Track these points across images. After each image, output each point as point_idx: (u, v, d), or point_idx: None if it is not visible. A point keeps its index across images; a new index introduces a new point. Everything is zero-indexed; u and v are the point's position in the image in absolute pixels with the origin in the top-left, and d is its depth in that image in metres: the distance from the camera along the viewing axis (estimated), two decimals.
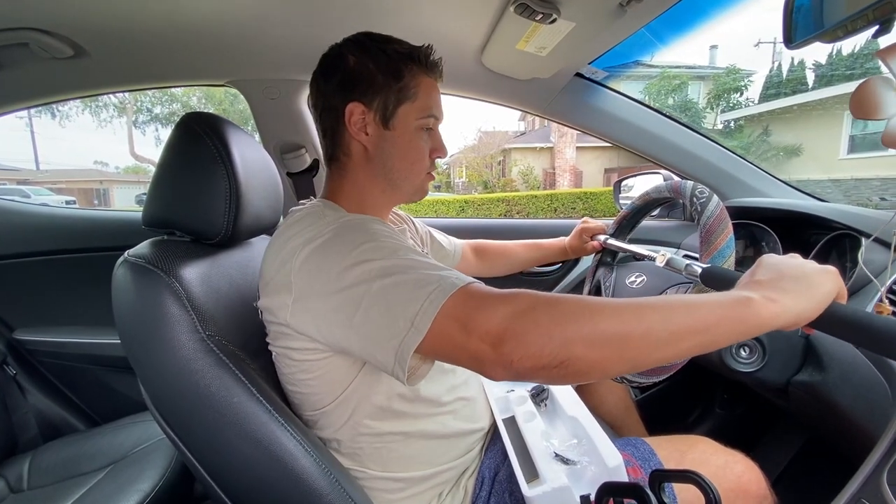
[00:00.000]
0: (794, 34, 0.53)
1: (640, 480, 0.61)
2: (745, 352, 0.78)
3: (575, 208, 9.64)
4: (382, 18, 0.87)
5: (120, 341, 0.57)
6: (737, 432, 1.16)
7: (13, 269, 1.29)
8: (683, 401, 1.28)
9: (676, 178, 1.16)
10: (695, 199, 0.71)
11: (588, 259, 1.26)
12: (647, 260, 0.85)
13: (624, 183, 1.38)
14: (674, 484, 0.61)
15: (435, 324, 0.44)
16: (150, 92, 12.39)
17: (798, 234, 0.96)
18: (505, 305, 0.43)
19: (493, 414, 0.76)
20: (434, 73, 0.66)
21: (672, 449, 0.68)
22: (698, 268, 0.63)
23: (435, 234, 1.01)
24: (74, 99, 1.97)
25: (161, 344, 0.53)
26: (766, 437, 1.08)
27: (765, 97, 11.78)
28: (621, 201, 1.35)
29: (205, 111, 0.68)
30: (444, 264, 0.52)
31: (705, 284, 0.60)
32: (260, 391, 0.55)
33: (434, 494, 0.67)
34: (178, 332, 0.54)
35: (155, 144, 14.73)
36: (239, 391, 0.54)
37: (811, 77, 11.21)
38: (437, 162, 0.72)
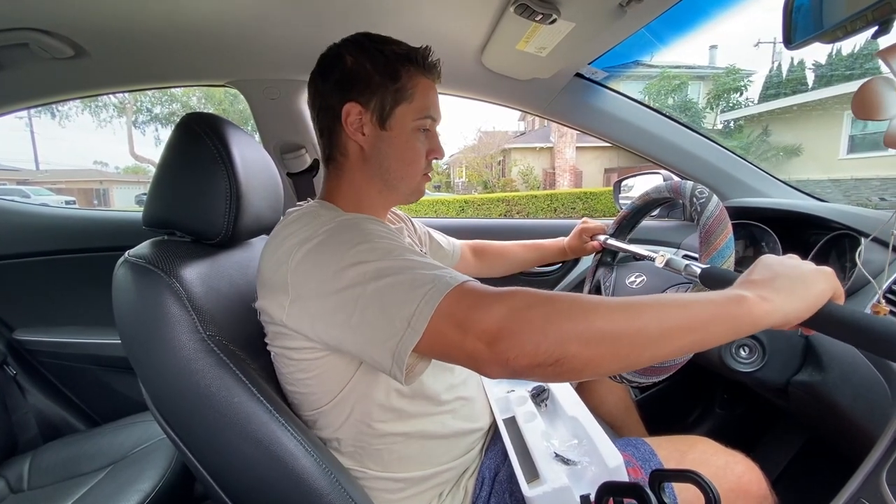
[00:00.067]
0: (793, 34, 0.53)
1: (641, 481, 0.61)
2: (744, 352, 0.78)
3: (575, 208, 9.64)
4: (383, 18, 0.87)
5: (120, 341, 0.57)
6: (737, 432, 1.16)
7: (13, 270, 1.29)
8: (683, 401, 1.28)
9: (676, 178, 1.16)
10: (694, 200, 0.71)
11: (588, 259, 1.26)
12: (646, 260, 0.85)
13: (624, 183, 1.38)
14: (674, 484, 0.61)
15: (431, 324, 0.44)
16: (149, 92, 12.38)
17: (798, 234, 0.96)
18: (500, 304, 0.43)
19: (492, 414, 0.76)
20: (432, 74, 0.66)
21: (672, 449, 0.68)
22: (697, 268, 0.63)
23: (434, 234, 1.01)
24: (74, 99, 1.97)
25: (161, 344, 0.54)
26: (765, 437, 1.08)
27: (764, 97, 11.79)
28: (621, 201, 1.35)
29: (205, 111, 0.68)
30: (442, 264, 0.52)
31: (704, 285, 0.60)
32: (260, 391, 0.55)
33: (434, 494, 0.67)
34: (179, 333, 0.54)
35: (155, 144, 14.75)
36: (239, 391, 0.54)
37: (811, 77, 11.24)
38: (437, 162, 0.72)
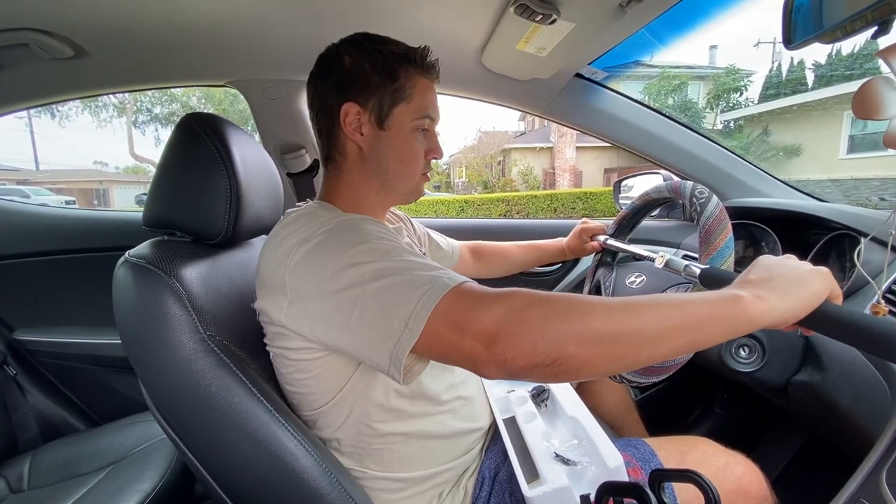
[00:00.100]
0: (793, 35, 0.53)
1: (641, 481, 0.61)
2: (744, 352, 0.78)
3: (575, 208, 9.64)
4: (383, 19, 0.87)
5: (120, 341, 0.57)
6: (736, 432, 1.16)
7: (13, 270, 1.29)
8: (683, 401, 1.28)
9: (676, 178, 1.16)
10: (694, 200, 0.71)
11: (588, 259, 1.26)
12: (646, 260, 0.85)
13: (624, 183, 1.38)
14: (674, 484, 0.61)
15: (428, 324, 0.44)
16: (149, 92, 12.38)
17: (797, 234, 0.96)
18: (497, 304, 0.43)
19: (492, 413, 0.77)
20: (430, 74, 0.66)
21: (672, 450, 0.68)
22: (697, 269, 0.63)
23: (433, 234, 1.01)
24: (74, 99, 1.96)
25: (162, 344, 0.54)
26: (765, 437, 1.08)
27: (764, 97, 11.79)
28: (621, 201, 1.35)
29: (205, 111, 0.68)
30: (442, 265, 0.52)
31: (704, 285, 0.60)
32: (260, 391, 0.56)
33: (434, 494, 0.67)
34: (179, 333, 0.54)
35: (155, 144, 14.74)
36: (240, 391, 0.54)
37: (811, 77, 11.24)
38: (437, 162, 0.72)
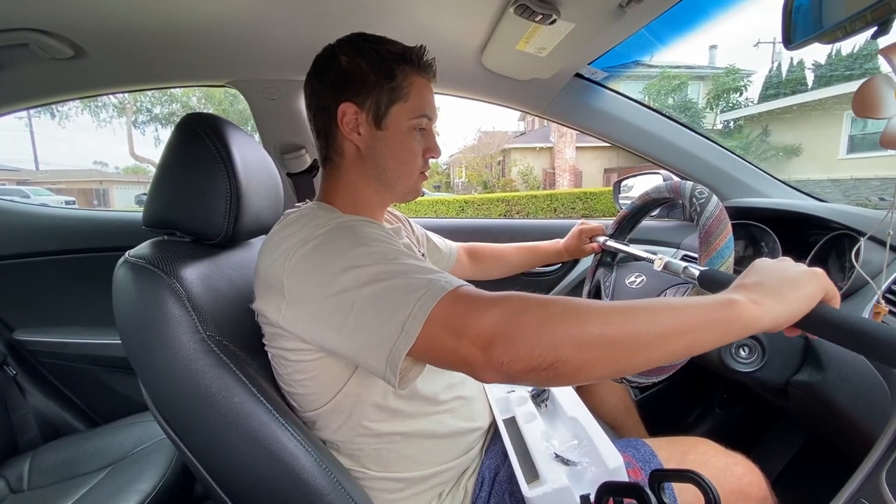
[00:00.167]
0: (793, 35, 0.53)
1: (641, 482, 0.61)
2: (744, 352, 0.78)
3: (575, 208, 9.63)
4: (383, 19, 0.87)
5: (120, 342, 0.57)
6: (736, 432, 1.16)
7: (13, 270, 1.29)
8: (683, 401, 1.28)
9: (676, 178, 1.16)
10: (694, 200, 0.71)
11: (587, 259, 1.26)
12: (646, 261, 0.85)
13: (623, 183, 1.38)
14: (674, 484, 0.61)
15: (425, 328, 0.44)
16: (149, 92, 12.38)
17: (797, 234, 0.96)
18: (494, 308, 0.43)
19: (492, 413, 0.77)
20: (427, 73, 0.66)
21: (673, 450, 0.68)
22: (695, 270, 0.63)
23: (431, 235, 1.02)
24: (74, 99, 1.96)
25: (162, 344, 0.54)
26: (765, 437, 1.08)
27: (764, 97, 11.79)
28: (621, 201, 1.35)
29: (205, 112, 0.68)
30: (439, 267, 0.52)
31: (703, 287, 0.60)
32: (260, 391, 0.56)
33: (434, 494, 0.67)
34: (179, 333, 0.54)
35: (154, 144, 14.73)
36: (239, 391, 0.54)
37: (810, 77, 11.24)
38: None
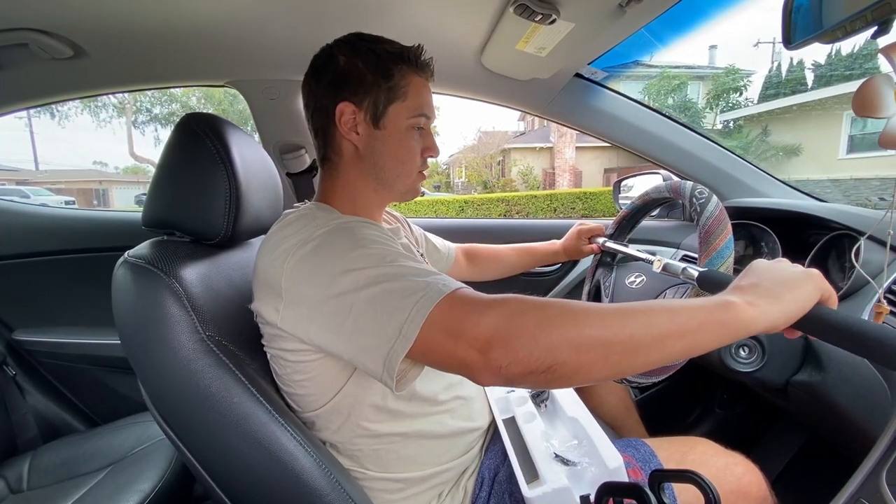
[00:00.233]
0: (793, 35, 0.53)
1: (641, 482, 0.61)
2: (744, 352, 0.78)
3: (574, 208, 9.64)
4: (382, 19, 0.87)
5: (120, 342, 0.57)
6: (736, 432, 1.16)
7: (13, 270, 1.29)
8: (683, 401, 1.28)
9: (676, 178, 1.16)
10: (694, 200, 0.71)
11: (587, 259, 1.26)
12: (645, 262, 0.85)
13: (623, 183, 1.38)
14: (674, 484, 0.61)
15: (422, 332, 0.44)
16: (149, 92, 12.38)
17: (797, 234, 0.96)
18: (492, 311, 0.43)
19: (491, 413, 0.76)
20: (425, 72, 0.66)
21: (672, 450, 0.68)
22: (695, 271, 0.63)
23: (429, 236, 1.01)
24: (74, 99, 1.96)
25: (161, 344, 0.53)
26: (765, 437, 1.08)
27: (764, 97, 11.79)
28: (621, 201, 1.35)
29: (204, 112, 0.68)
30: (437, 267, 0.52)
31: (701, 288, 0.60)
32: (260, 391, 0.55)
33: (434, 495, 0.67)
34: (179, 333, 0.54)
35: (154, 144, 14.74)
36: (239, 391, 0.54)
37: (810, 77, 11.24)
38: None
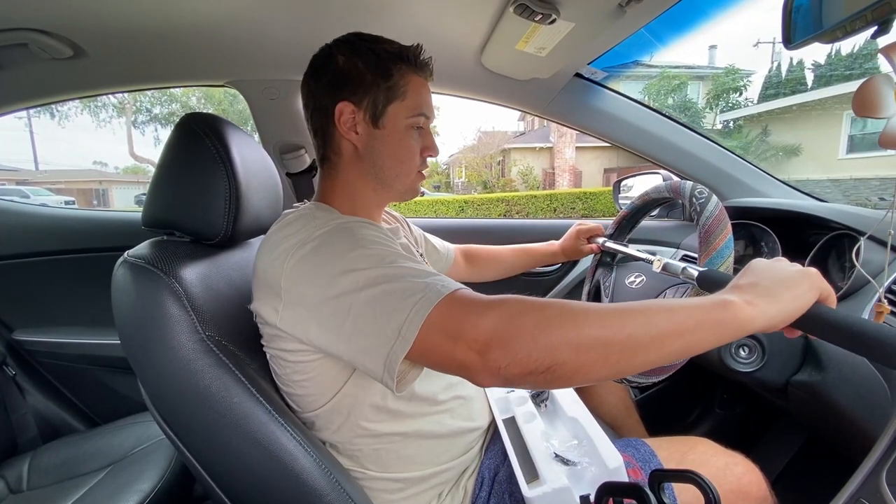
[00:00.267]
0: (793, 35, 0.53)
1: (641, 482, 0.61)
2: (744, 352, 0.78)
3: (574, 208, 9.64)
4: (382, 19, 0.87)
5: (119, 342, 0.57)
6: (736, 432, 1.16)
7: (12, 270, 1.29)
8: (683, 401, 1.28)
9: (676, 178, 1.16)
10: (694, 200, 0.71)
11: (587, 259, 1.27)
12: (645, 262, 0.85)
13: (623, 183, 1.38)
14: (674, 484, 0.61)
15: (422, 332, 0.44)
16: (149, 92, 12.38)
17: (797, 234, 0.96)
18: (491, 312, 0.43)
19: (491, 413, 0.76)
20: (424, 72, 0.66)
21: (672, 450, 0.68)
22: (694, 271, 0.63)
23: (429, 236, 1.01)
24: (74, 99, 1.97)
25: (161, 344, 0.53)
26: (765, 437, 1.08)
27: (764, 97, 11.79)
28: (621, 201, 1.35)
29: (204, 111, 0.68)
30: (436, 268, 0.52)
31: (701, 287, 0.60)
32: (259, 391, 0.55)
33: (434, 494, 0.67)
34: (178, 333, 0.54)
35: (154, 144, 14.75)
36: (239, 391, 0.54)
37: (810, 77, 11.24)
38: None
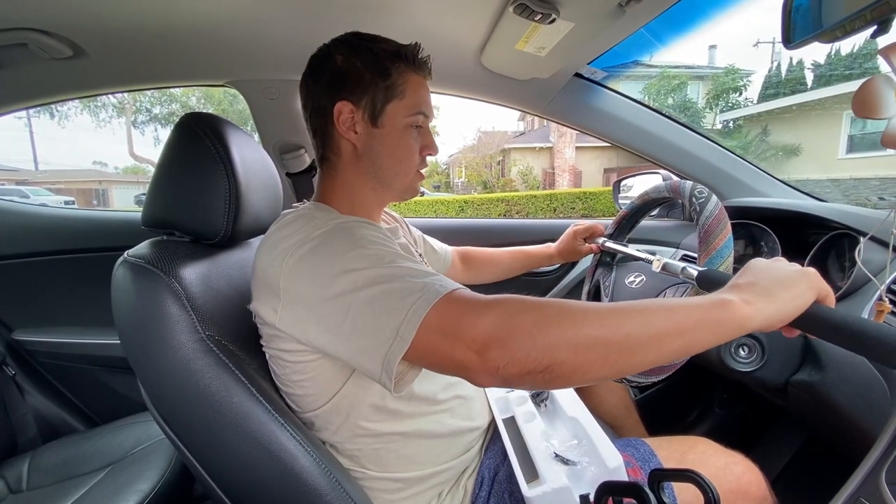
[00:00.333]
0: (792, 34, 0.53)
1: (640, 481, 0.61)
2: (744, 351, 0.78)
3: (574, 208, 9.64)
4: (382, 19, 0.87)
5: (119, 342, 0.57)
6: (736, 432, 1.17)
7: (12, 270, 1.29)
8: (683, 400, 1.28)
9: (675, 177, 1.16)
10: (694, 199, 0.71)
11: (587, 259, 1.26)
12: (644, 262, 0.85)
13: (623, 183, 1.38)
14: (673, 484, 0.61)
15: (420, 333, 0.44)
16: (148, 92, 12.38)
17: (797, 233, 0.96)
18: (489, 311, 0.43)
19: (491, 412, 0.76)
20: (422, 70, 0.66)
21: (672, 450, 0.68)
22: (694, 271, 0.63)
23: (427, 238, 1.02)
24: (73, 99, 1.96)
25: (161, 344, 0.53)
26: (765, 437, 1.08)
27: (764, 97, 11.80)
28: (620, 201, 1.35)
29: (204, 111, 0.68)
30: (435, 269, 0.52)
31: (701, 287, 0.60)
32: (259, 391, 0.55)
33: (434, 494, 0.67)
34: (178, 333, 0.54)
35: (154, 144, 14.77)
36: (238, 391, 0.54)
37: (810, 77, 11.26)
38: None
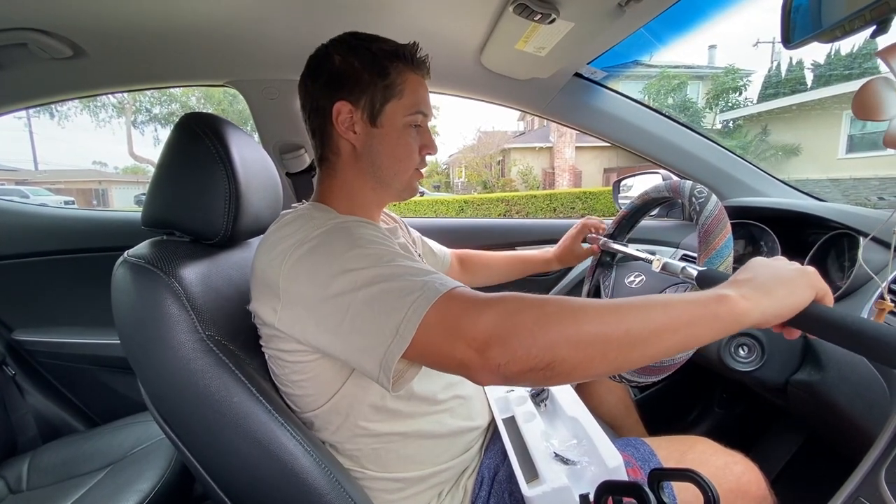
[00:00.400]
0: (792, 34, 0.53)
1: (640, 481, 0.61)
2: (743, 351, 0.78)
3: (574, 208, 9.64)
4: (382, 19, 0.87)
5: (119, 341, 0.57)
6: (736, 432, 1.17)
7: (12, 270, 1.29)
8: (683, 400, 1.28)
9: (675, 177, 1.16)
10: (693, 199, 0.71)
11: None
12: (644, 262, 0.85)
13: (623, 183, 1.38)
14: (673, 483, 0.61)
15: (420, 331, 0.44)
16: (148, 92, 12.38)
17: (797, 233, 0.96)
18: (489, 309, 0.43)
19: (491, 412, 0.77)
20: (421, 70, 0.66)
21: (672, 449, 0.68)
22: (694, 270, 0.63)
23: (426, 239, 1.02)
24: (73, 99, 1.96)
25: (161, 344, 0.53)
26: (765, 437, 1.09)
27: (763, 97, 11.80)
28: (620, 201, 1.35)
29: (204, 111, 0.68)
30: (433, 269, 0.52)
31: (701, 287, 0.60)
32: (259, 391, 0.55)
33: (434, 494, 0.67)
34: (178, 333, 0.54)
35: (154, 144, 14.78)
36: (238, 391, 0.54)
37: (810, 77, 11.27)
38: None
